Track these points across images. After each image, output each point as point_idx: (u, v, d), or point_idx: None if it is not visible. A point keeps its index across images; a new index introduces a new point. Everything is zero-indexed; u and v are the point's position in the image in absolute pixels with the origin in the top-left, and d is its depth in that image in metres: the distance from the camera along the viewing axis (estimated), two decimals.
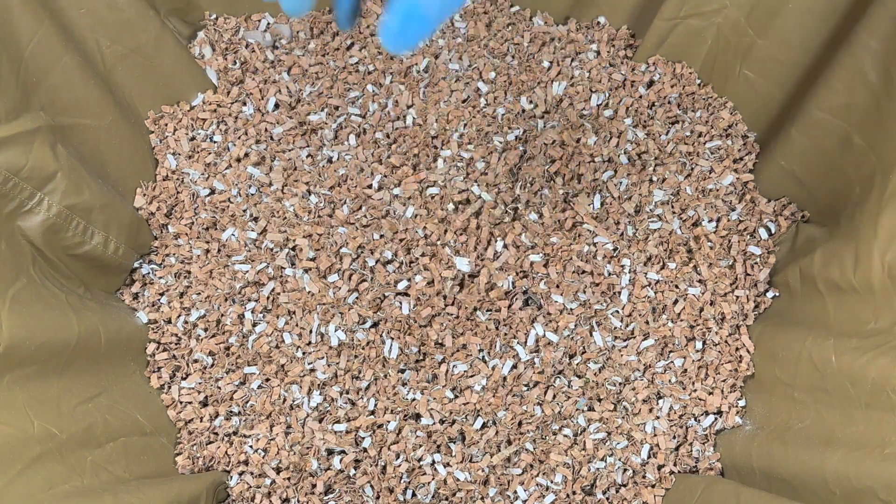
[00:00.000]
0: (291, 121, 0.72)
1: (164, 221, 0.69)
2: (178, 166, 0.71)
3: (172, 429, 0.65)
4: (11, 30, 0.56)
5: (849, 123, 0.60)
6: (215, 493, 0.62)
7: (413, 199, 0.69)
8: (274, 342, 0.66)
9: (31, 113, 0.56)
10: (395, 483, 0.63)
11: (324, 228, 0.68)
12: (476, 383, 0.65)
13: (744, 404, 0.65)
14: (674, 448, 0.64)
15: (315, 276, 0.67)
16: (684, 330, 0.66)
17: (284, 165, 0.71)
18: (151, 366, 0.66)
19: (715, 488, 0.59)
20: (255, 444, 0.64)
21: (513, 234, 0.68)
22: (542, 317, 0.66)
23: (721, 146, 0.72)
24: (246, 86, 0.73)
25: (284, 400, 0.65)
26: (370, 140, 0.72)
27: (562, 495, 0.63)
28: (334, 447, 0.64)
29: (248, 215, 0.69)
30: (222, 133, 0.72)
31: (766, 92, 0.69)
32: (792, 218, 0.70)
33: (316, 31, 0.76)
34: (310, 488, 0.63)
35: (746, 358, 0.66)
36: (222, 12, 0.75)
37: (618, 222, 0.69)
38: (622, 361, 0.66)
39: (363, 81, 0.74)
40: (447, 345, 0.65)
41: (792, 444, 0.56)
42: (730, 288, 0.68)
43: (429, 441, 0.64)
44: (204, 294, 0.67)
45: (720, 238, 0.69)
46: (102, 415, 0.58)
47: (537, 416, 0.64)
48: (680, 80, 0.74)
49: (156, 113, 0.71)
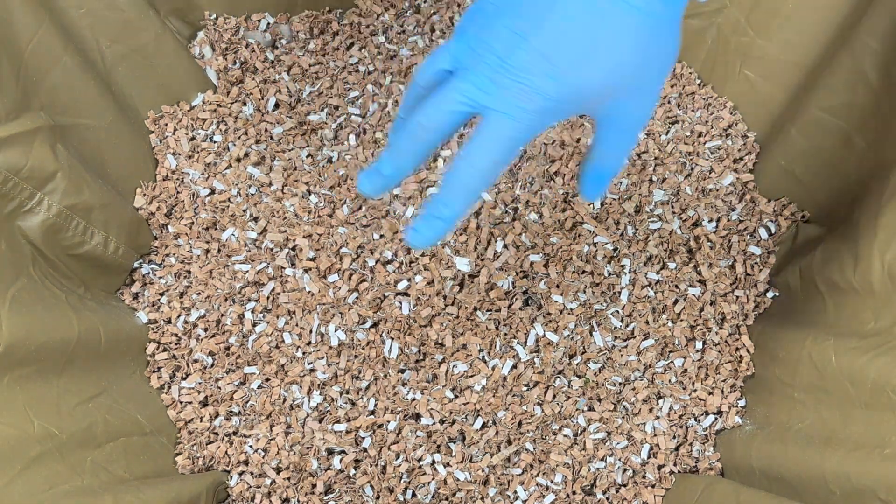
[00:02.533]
0: (291, 121, 0.72)
1: (164, 221, 0.69)
2: (178, 166, 0.71)
3: (172, 429, 0.65)
4: (11, 30, 0.56)
5: (849, 123, 0.60)
6: (215, 493, 0.62)
7: (413, 199, 0.69)
8: (274, 342, 0.66)
9: (31, 113, 0.56)
10: (395, 483, 0.63)
11: (324, 228, 0.68)
12: (476, 383, 0.65)
13: (744, 404, 0.65)
14: (674, 448, 0.64)
15: (315, 276, 0.67)
16: (684, 330, 0.66)
17: (284, 165, 0.71)
18: (151, 366, 0.66)
19: (715, 488, 0.59)
20: (255, 444, 0.64)
21: (513, 234, 0.68)
22: (542, 317, 0.66)
23: (721, 146, 0.72)
24: (246, 86, 0.73)
25: (284, 400, 0.65)
26: (370, 140, 0.72)
27: (562, 495, 0.63)
28: (334, 447, 0.64)
29: (248, 215, 0.69)
30: (222, 133, 0.72)
31: (766, 92, 0.69)
32: (792, 218, 0.70)
33: (316, 31, 0.76)
34: (310, 488, 0.63)
35: (746, 358, 0.66)
36: (222, 12, 0.75)
37: (618, 222, 0.69)
38: (622, 361, 0.66)
39: (363, 81, 0.74)
40: (447, 345, 0.65)
41: (792, 444, 0.56)
42: (730, 288, 0.68)
43: (429, 441, 0.64)
44: (204, 294, 0.67)
45: (720, 238, 0.69)
46: (102, 415, 0.58)
47: (537, 416, 0.64)
48: (680, 79, 0.74)
49: (156, 113, 0.71)
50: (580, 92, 0.35)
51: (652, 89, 0.38)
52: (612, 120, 0.38)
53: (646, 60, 0.36)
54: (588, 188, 0.42)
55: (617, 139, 0.39)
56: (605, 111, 0.37)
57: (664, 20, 0.35)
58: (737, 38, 0.68)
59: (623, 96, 0.37)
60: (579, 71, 0.34)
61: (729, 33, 0.68)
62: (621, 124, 0.38)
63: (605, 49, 0.34)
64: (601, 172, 0.41)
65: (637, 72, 0.36)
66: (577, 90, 0.35)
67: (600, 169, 0.41)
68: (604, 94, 0.36)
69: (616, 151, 0.40)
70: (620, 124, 0.38)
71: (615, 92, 0.36)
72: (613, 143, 0.39)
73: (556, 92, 0.35)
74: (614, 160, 0.40)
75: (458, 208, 0.37)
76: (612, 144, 0.40)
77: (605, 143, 0.40)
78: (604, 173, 0.41)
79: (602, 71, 0.35)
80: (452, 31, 0.39)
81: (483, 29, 0.35)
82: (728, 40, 0.69)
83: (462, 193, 0.37)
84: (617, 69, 0.35)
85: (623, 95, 0.37)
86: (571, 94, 0.35)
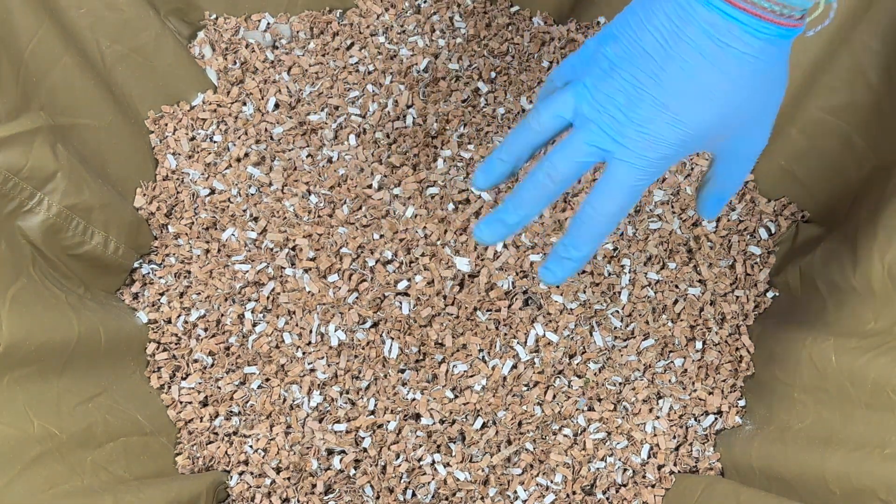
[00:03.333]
0: (291, 121, 0.72)
1: (164, 221, 0.69)
2: (178, 166, 0.71)
3: (172, 429, 0.65)
4: (11, 30, 0.56)
5: (849, 123, 0.60)
6: (215, 493, 0.62)
7: (413, 199, 0.69)
8: (274, 342, 0.66)
9: (31, 113, 0.56)
10: (395, 483, 0.63)
11: (324, 228, 0.68)
12: (476, 383, 0.65)
13: (744, 404, 0.65)
14: (674, 448, 0.64)
15: (315, 276, 0.67)
16: (684, 330, 0.66)
17: (284, 165, 0.71)
18: (151, 366, 0.66)
19: (715, 488, 0.59)
20: (255, 444, 0.64)
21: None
22: (542, 317, 0.66)
23: None
24: (246, 86, 0.73)
25: (284, 400, 0.65)
26: (370, 140, 0.72)
27: (562, 495, 0.63)
28: (334, 447, 0.64)
29: (248, 215, 0.69)
30: (222, 133, 0.72)
31: None
32: (792, 218, 0.70)
33: (316, 31, 0.76)
34: (310, 488, 0.63)
35: (746, 358, 0.66)
36: (222, 12, 0.75)
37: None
38: (622, 361, 0.66)
39: (363, 81, 0.74)
40: (447, 345, 0.65)
41: (792, 444, 0.56)
42: (730, 288, 0.68)
43: (429, 441, 0.64)
44: (204, 294, 0.67)
45: (720, 238, 0.69)
46: (102, 415, 0.58)
47: (537, 416, 0.64)
48: None
49: (156, 113, 0.71)
50: (699, 134, 0.37)
51: (766, 121, 0.39)
52: (730, 153, 0.40)
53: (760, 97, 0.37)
54: (708, 210, 0.44)
55: (735, 169, 0.41)
56: (722, 146, 0.39)
57: (774, 60, 0.37)
58: None
59: (740, 132, 0.38)
60: (699, 117, 0.36)
61: None
62: (738, 156, 0.40)
63: (722, 94, 0.36)
64: (720, 197, 0.43)
65: (752, 109, 0.37)
66: (697, 134, 0.37)
67: (720, 194, 0.43)
68: (722, 133, 0.38)
69: (734, 179, 0.42)
70: (738, 156, 0.40)
71: (733, 130, 0.38)
72: (731, 173, 0.42)
73: (677, 139, 0.36)
74: (732, 185, 0.43)
75: (587, 251, 0.40)
76: (731, 174, 0.42)
77: (723, 174, 0.42)
78: (723, 197, 0.43)
79: (720, 115, 0.36)
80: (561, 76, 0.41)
81: (603, 82, 0.37)
82: None
83: (589, 237, 0.40)
84: (734, 112, 0.37)
85: (740, 131, 0.38)
86: (691, 138, 0.37)
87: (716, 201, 0.44)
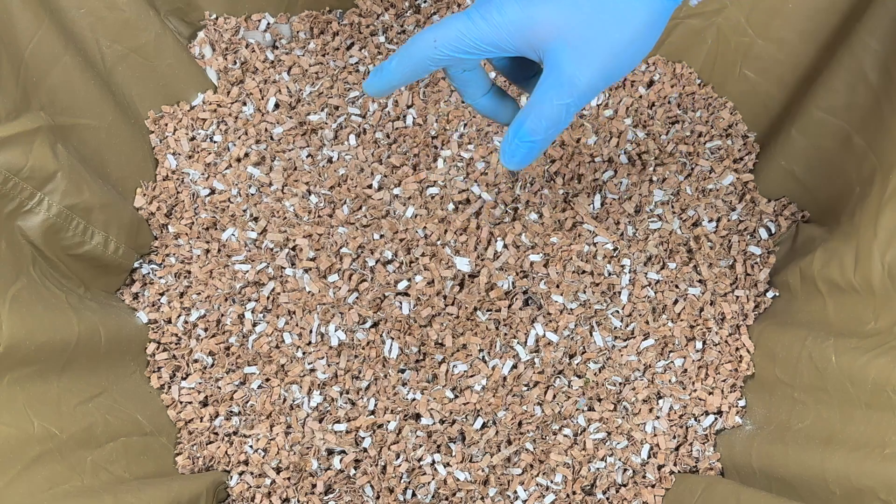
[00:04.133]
0: (291, 121, 0.72)
1: (164, 221, 0.69)
2: (178, 166, 0.71)
3: (172, 429, 0.65)
4: (11, 30, 0.56)
5: (849, 123, 0.60)
6: (215, 493, 0.62)
7: (413, 199, 0.69)
8: (274, 342, 0.66)
9: (31, 113, 0.56)
10: (395, 483, 0.63)
11: (324, 228, 0.68)
12: (476, 383, 0.65)
13: (744, 404, 0.65)
14: (674, 448, 0.64)
15: (315, 276, 0.67)
16: (684, 330, 0.66)
17: (284, 165, 0.71)
18: (151, 366, 0.66)
19: (715, 488, 0.59)
20: (255, 444, 0.64)
21: (513, 234, 0.68)
22: (542, 317, 0.66)
23: (721, 146, 0.72)
24: (246, 86, 0.73)
25: (284, 400, 0.65)
26: (370, 140, 0.72)
27: (562, 495, 0.63)
28: (334, 447, 0.64)
29: (248, 215, 0.69)
30: (222, 133, 0.72)
31: (766, 92, 0.69)
32: (792, 218, 0.70)
33: (316, 31, 0.76)
34: (310, 488, 0.63)
35: (746, 358, 0.66)
36: (222, 12, 0.75)
37: (618, 222, 0.69)
38: (622, 361, 0.66)
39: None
40: (447, 345, 0.65)
41: (792, 444, 0.56)
42: (730, 288, 0.68)
43: (429, 441, 0.64)
44: (204, 294, 0.67)
45: (720, 238, 0.69)
46: (102, 415, 0.58)
47: (537, 416, 0.64)
48: (680, 79, 0.74)
49: (156, 113, 0.71)
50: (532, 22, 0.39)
51: (599, 55, 0.39)
52: (552, 65, 0.40)
53: (616, 34, 0.39)
54: (506, 152, 0.43)
55: (545, 86, 0.40)
56: (551, 50, 0.40)
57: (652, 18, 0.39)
58: (737, 38, 0.68)
59: (577, 45, 0.39)
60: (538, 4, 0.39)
61: (729, 33, 0.68)
62: (558, 72, 0.40)
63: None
64: (517, 127, 0.42)
65: (602, 34, 0.39)
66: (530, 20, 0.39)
67: (519, 122, 0.41)
68: (560, 30, 0.39)
69: (539, 101, 0.41)
70: (558, 71, 0.40)
71: (571, 38, 0.39)
72: (545, 94, 0.40)
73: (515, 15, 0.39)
74: (534, 112, 0.41)
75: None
76: (544, 95, 0.40)
77: (538, 91, 0.41)
78: (519, 130, 0.41)
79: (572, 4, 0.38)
80: None
81: None
82: (728, 40, 0.69)
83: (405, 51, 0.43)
84: (584, 21, 0.38)
85: (577, 44, 0.39)
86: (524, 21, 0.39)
87: (514, 133, 0.42)
